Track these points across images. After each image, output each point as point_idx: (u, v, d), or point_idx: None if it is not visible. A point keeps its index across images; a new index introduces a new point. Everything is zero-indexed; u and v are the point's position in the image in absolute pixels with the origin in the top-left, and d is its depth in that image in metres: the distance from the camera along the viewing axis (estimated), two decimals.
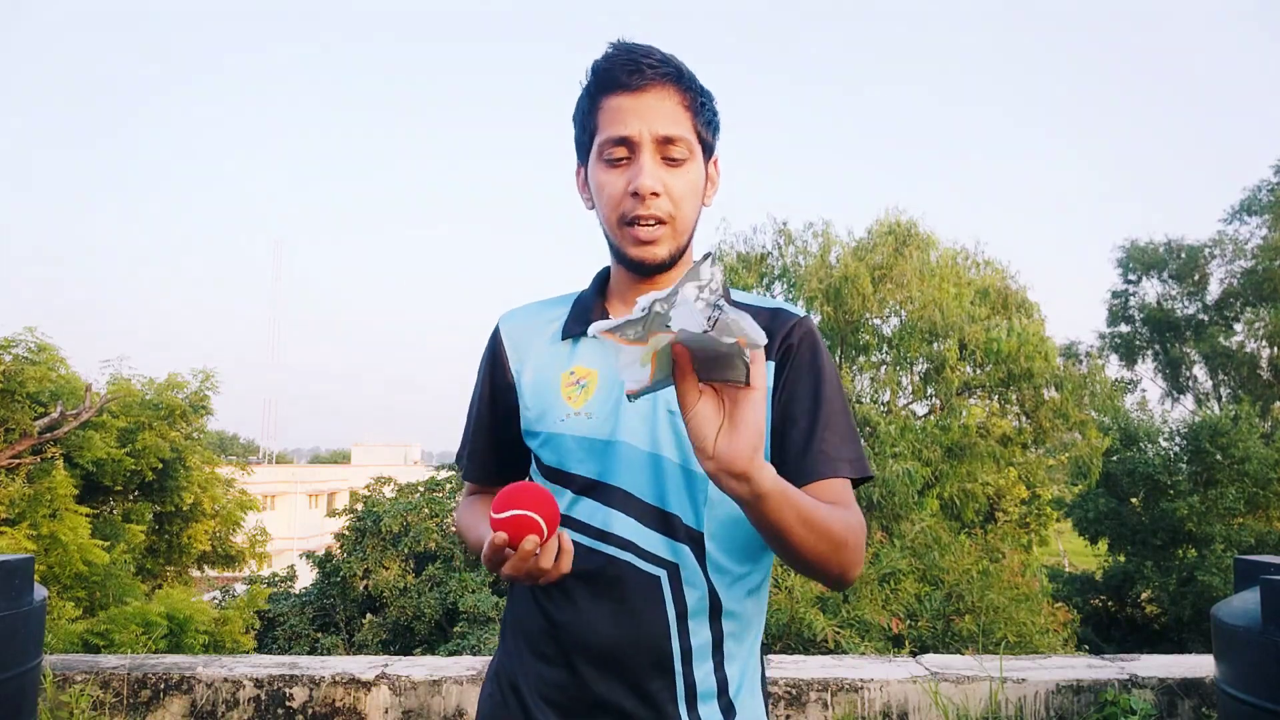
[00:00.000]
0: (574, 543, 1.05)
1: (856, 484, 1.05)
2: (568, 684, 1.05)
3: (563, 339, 1.14)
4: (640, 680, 1.02)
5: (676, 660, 1.02)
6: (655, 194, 1.03)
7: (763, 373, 0.78)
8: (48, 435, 8.23)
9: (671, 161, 1.04)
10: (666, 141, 1.03)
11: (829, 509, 0.93)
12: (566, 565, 0.99)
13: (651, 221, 1.04)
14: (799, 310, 1.14)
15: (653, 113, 1.03)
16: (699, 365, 0.78)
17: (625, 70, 1.03)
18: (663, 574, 1.03)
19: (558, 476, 1.10)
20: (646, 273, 1.09)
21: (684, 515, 1.03)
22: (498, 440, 1.20)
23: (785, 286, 14.95)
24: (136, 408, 10.35)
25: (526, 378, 1.15)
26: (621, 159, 1.05)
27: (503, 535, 0.91)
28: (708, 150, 1.10)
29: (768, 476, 0.81)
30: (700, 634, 1.04)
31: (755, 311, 1.13)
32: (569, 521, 1.07)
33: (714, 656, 1.05)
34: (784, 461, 1.02)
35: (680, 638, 1.02)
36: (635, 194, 1.03)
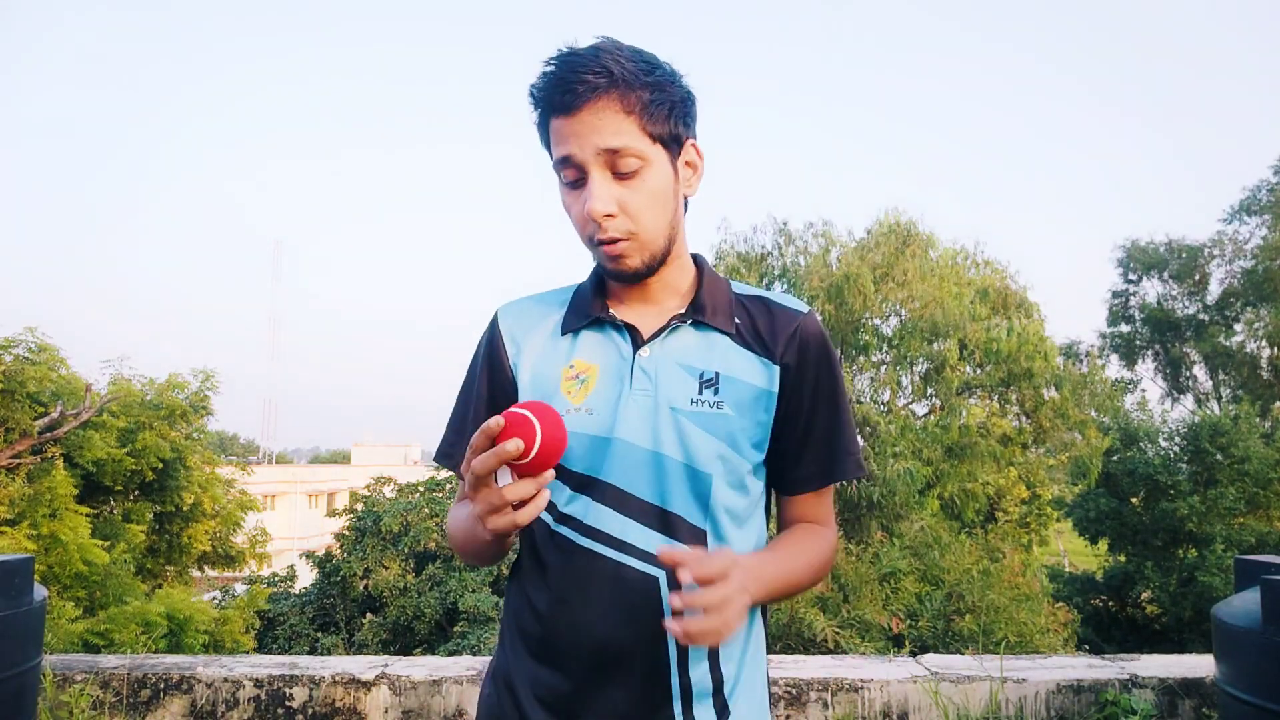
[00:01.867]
0: (569, 541, 1.04)
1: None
2: (562, 685, 1.03)
3: (563, 333, 1.12)
4: (635, 682, 1.01)
5: (673, 662, 1.01)
6: (610, 215, 1.01)
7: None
8: (48, 435, 8.23)
9: (624, 175, 1.01)
10: (612, 154, 1.00)
11: (804, 553, 1.08)
12: (525, 518, 0.89)
13: (616, 240, 1.03)
14: (801, 305, 1.12)
15: (590, 130, 0.99)
16: None
17: (558, 91, 1.00)
18: (661, 575, 1.01)
19: (555, 473, 1.09)
20: (628, 281, 1.09)
21: (687, 515, 1.02)
22: None
23: (785, 286, 14.96)
24: (137, 408, 10.34)
25: (525, 372, 1.12)
26: (577, 181, 1.03)
27: (499, 421, 0.85)
28: (673, 142, 1.05)
29: (758, 596, 0.97)
30: None
31: (754, 306, 1.12)
32: (566, 520, 1.06)
33: (710, 657, 1.03)
34: (800, 462, 1.10)
35: (677, 640, 1.00)
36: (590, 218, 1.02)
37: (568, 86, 0.99)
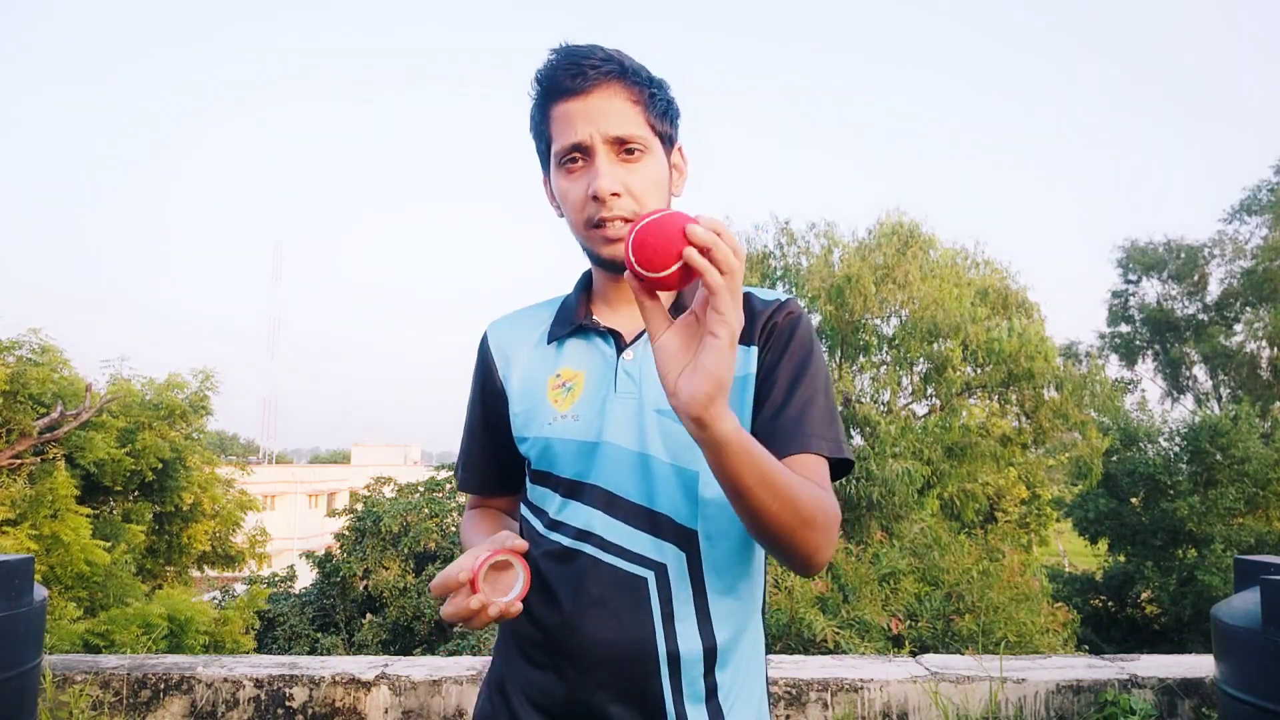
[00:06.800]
0: (560, 545, 1.05)
1: (836, 471, 1.03)
2: (554, 688, 1.04)
3: (548, 342, 1.13)
4: (626, 684, 1.00)
5: (663, 663, 1.00)
6: (615, 194, 1.01)
7: (728, 321, 0.78)
8: (48, 435, 8.23)
9: (629, 158, 1.03)
10: (620, 141, 1.02)
11: (800, 480, 0.90)
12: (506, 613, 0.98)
13: (617, 221, 1.03)
14: (782, 294, 1.12)
15: (601, 114, 1.02)
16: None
17: (568, 75, 1.02)
18: (650, 575, 1.01)
19: (545, 480, 1.09)
20: (622, 270, 1.06)
21: (675, 514, 1.02)
22: (493, 448, 1.19)
23: (787, 286, 14.97)
24: (136, 408, 10.33)
25: (514, 383, 1.14)
26: (578, 164, 1.04)
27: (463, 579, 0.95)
28: (668, 141, 1.09)
29: (728, 426, 0.81)
30: (689, 636, 1.01)
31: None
32: (557, 525, 1.06)
33: (704, 660, 1.02)
34: (772, 438, 1.00)
35: (667, 640, 1.00)
36: (595, 197, 1.02)
37: (579, 70, 1.01)
